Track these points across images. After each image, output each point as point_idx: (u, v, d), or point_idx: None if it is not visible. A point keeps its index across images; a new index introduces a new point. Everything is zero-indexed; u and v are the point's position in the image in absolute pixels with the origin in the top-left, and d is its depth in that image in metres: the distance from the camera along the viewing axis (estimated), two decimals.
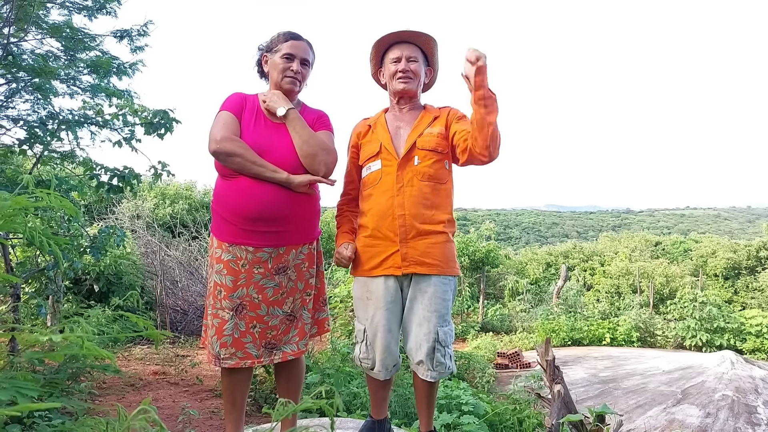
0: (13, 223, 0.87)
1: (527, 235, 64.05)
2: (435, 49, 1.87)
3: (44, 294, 4.63)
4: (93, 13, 3.66)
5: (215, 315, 1.66)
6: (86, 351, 0.67)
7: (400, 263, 1.74)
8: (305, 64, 1.76)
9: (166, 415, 3.42)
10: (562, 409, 2.77)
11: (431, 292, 1.73)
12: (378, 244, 1.79)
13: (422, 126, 1.82)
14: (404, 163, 1.77)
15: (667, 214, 79.96)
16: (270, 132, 1.68)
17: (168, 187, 11.62)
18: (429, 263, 1.73)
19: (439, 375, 1.75)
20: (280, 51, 1.74)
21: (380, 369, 1.80)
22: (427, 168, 1.77)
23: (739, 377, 7.12)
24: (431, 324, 1.72)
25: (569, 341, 11.09)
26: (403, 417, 3.55)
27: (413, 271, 1.74)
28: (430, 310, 1.72)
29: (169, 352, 5.75)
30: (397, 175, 1.76)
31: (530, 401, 5.10)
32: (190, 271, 7.85)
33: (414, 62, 1.82)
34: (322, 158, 1.67)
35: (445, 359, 1.74)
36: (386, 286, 1.78)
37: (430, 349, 1.71)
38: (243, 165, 1.59)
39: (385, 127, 1.86)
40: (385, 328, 1.77)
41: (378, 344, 1.78)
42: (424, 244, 1.74)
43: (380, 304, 1.77)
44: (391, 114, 1.91)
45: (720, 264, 17.43)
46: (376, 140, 1.84)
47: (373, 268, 1.80)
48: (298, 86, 1.76)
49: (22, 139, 3.32)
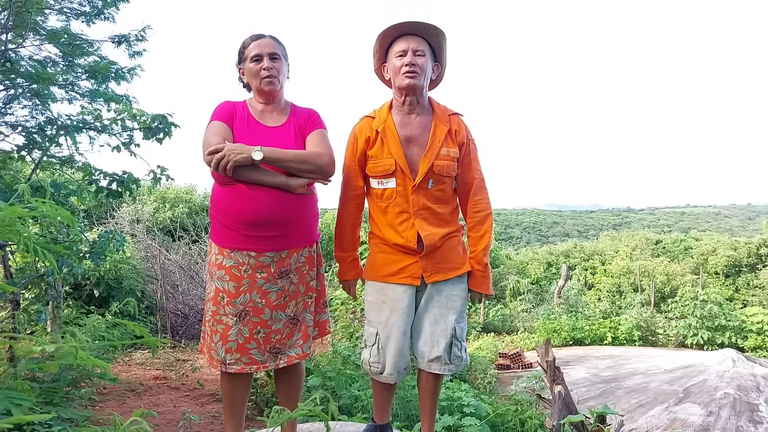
0: (8, 233, 0.87)
1: (528, 235, 64.04)
2: (444, 43, 1.77)
3: (44, 300, 4.62)
4: (91, 19, 3.67)
5: (219, 321, 1.66)
6: (80, 361, 0.67)
7: (420, 273, 1.77)
8: (275, 58, 1.72)
9: (166, 420, 3.42)
10: (563, 410, 2.76)
11: (448, 290, 1.79)
12: (395, 254, 1.81)
13: (437, 144, 1.74)
14: (420, 185, 1.75)
15: (667, 213, 79.96)
16: (263, 137, 1.68)
17: (168, 191, 11.63)
18: (447, 269, 1.79)
19: (456, 368, 1.81)
20: (248, 56, 1.72)
21: (392, 372, 1.80)
22: (440, 192, 1.79)
23: (741, 375, 7.11)
24: (449, 321, 1.77)
25: (571, 341, 11.08)
26: (405, 420, 3.54)
27: (434, 280, 1.77)
28: (448, 308, 1.78)
29: (169, 357, 5.74)
30: (412, 199, 1.75)
31: (532, 402, 5.09)
32: (191, 275, 7.85)
33: (421, 56, 1.71)
34: (319, 164, 1.65)
35: (462, 352, 1.82)
36: (404, 290, 1.79)
37: (448, 344, 1.77)
38: (239, 172, 1.58)
39: (396, 136, 1.76)
40: (401, 331, 1.78)
41: (391, 347, 1.79)
42: (440, 252, 1.78)
43: (397, 307, 1.78)
44: (398, 116, 1.79)
45: (721, 262, 17.42)
46: (389, 155, 1.74)
47: (390, 275, 1.80)
48: (278, 83, 1.72)
49: (21, 145, 3.32)
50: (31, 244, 0.85)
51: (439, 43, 1.76)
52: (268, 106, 1.76)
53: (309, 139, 1.74)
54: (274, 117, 1.76)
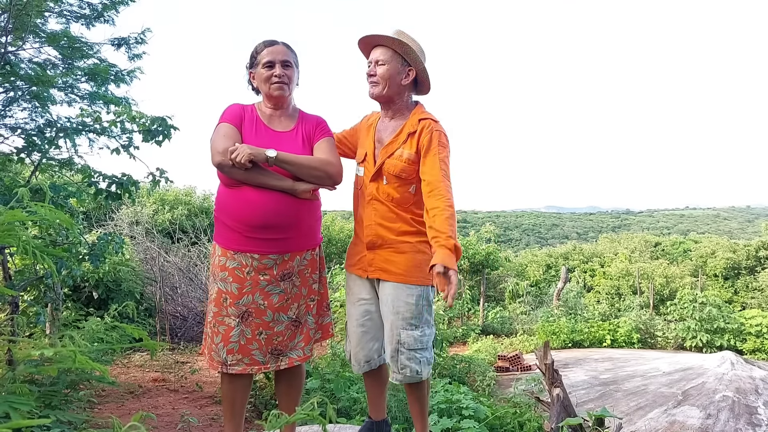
0: (7, 237, 0.88)
1: (527, 237, 64.07)
2: (407, 49, 1.77)
3: (43, 302, 4.62)
4: (91, 22, 3.68)
5: (221, 322, 1.66)
6: (79, 364, 0.67)
7: (367, 267, 1.82)
8: (287, 66, 1.74)
9: (165, 422, 3.41)
10: (562, 413, 2.77)
11: (394, 295, 1.75)
12: (356, 244, 1.90)
13: (395, 144, 1.79)
14: (375, 178, 1.80)
15: (666, 215, 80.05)
16: (272, 140, 1.69)
17: (167, 193, 11.62)
18: (391, 271, 1.77)
19: (405, 379, 1.75)
20: (260, 62, 1.74)
21: (354, 363, 1.88)
22: (392, 191, 1.78)
23: (740, 378, 7.11)
24: (393, 326, 1.74)
25: (570, 343, 11.07)
26: (403, 422, 3.54)
27: (377, 276, 1.80)
28: (392, 312, 1.75)
29: (168, 359, 5.74)
30: (368, 187, 1.82)
31: (531, 404, 5.09)
32: (190, 277, 7.84)
33: (381, 66, 1.76)
34: (329, 172, 1.70)
35: (411, 363, 1.72)
36: (360, 283, 1.87)
37: (394, 350, 1.74)
38: (247, 175, 1.59)
39: (373, 133, 1.87)
40: (357, 323, 1.84)
41: (352, 338, 1.87)
42: (387, 252, 1.78)
43: (353, 298, 1.88)
44: (382, 121, 1.90)
45: (719, 264, 17.44)
46: (364, 145, 1.87)
47: (350, 265, 1.91)
48: (287, 90, 1.75)
49: (20, 147, 3.33)
50: (30, 247, 0.86)
51: (403, 50, 1.79)
52: (276, 111, 1.78)
53: (318, 146, 1.76)
54: (283, 122, 1.78)
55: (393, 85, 1.78)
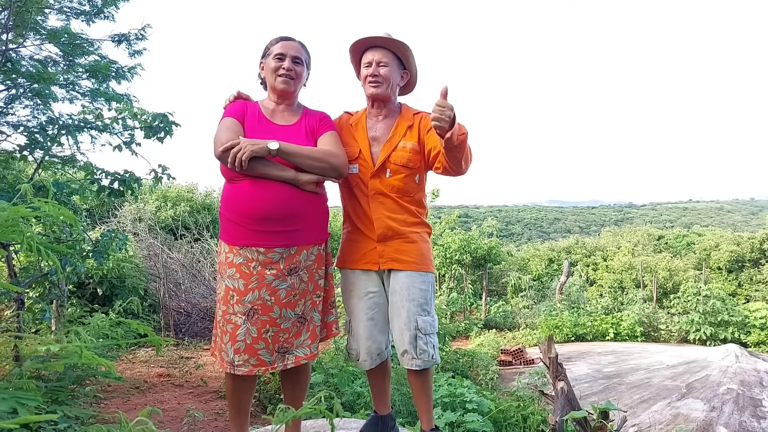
0: (12, 233, 0.88)
1: (529, 231, 63.95)
2: (408, 53, 1.88)
3: (48, 299, 4.65)
4: (91, 18, 3.67)
5: (228, 321, 1.65)
6: (85, 360, 0.67)
7: (378, 259, 1.84)
8: (298, 62, 1.75)
9: (170, 417, 3.44)
10: (566, 406, 2.77)
11: (408, 282, 1.81)
12: (359, 240, 1.90)
13: (396, 138, 1.86)
14: (377, 174, 1.84)
15: (669, 208, 79.70)
16: (274, 134, 1.69)
17: (169, 190, 11.64)
18: (404, 260, 1.83)
19: (424, 363, 1.80)
20: (271, 53, 1.75)
21: (365, 358, 1.87)
22: (397, 182, 1.85)
23: (744, 370, 7.10)
24: (410, 312, 1.79)
25: (573, 337, 11.07)
26: (407, 416, 3.55)
27: (390, 267, 1.84)
28: (408, 299, 1.80)
29: (173, 355, 5.77)
30: (370, 184, 1.84)
31: (534, 398, 5.10)
32: (193, 273, 7.87)
33: (384, 67, 1.84)
34: (333, 164, 1.70)
35: (428, 347, 1.80)
36: (367, 278, 1.88)
37: (412, 336, 1.78)
38: (249, 166, 1.58)
39: (365, 131, 1.90)
40: (367, 316, 1.87)
41: (361, 333, 1.87)
42: (398, 243, 1.84)
43: (360, 294, 1.88)
44: (370, 119, 1.93)
45: (723, 257, 17.37)
46: (355, 143, 1.88)
47: (352, 262, 1.91)
48: (293, 85, 1.74)
49: (23, 144, 3.33)
50: (34, 243, 0.86)
51: (405, 53, 1.88)
52: (279, 106, 1.78)
53: (322, 139, 1.76)
54: (286, 116, 1.78)
55: (393, 85, 1.88)
